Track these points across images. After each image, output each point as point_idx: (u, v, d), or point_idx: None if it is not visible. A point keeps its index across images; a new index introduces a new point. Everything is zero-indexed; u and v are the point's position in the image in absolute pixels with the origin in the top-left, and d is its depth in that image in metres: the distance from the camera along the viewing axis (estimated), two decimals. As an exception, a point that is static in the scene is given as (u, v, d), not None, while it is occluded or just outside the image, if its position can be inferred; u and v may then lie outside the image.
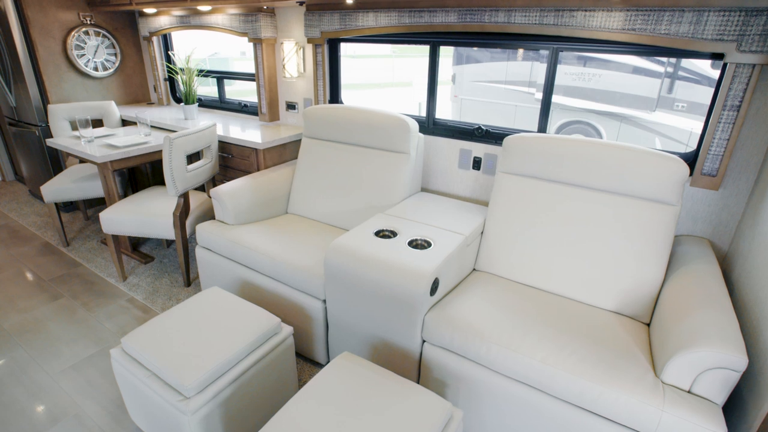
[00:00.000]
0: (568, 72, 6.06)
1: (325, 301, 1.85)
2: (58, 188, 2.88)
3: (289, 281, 1.92)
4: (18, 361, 2.02)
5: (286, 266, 1.90)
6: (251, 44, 2.86)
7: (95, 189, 2.96)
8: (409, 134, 2.17)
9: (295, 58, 2.72)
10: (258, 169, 2.58)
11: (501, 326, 1.53)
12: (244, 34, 2.83)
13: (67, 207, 3.63)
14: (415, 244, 1.78)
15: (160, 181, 3.55)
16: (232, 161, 2.70)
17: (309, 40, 2.58)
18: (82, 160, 3.24)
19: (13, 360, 2.03)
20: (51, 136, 3.34)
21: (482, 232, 2.01)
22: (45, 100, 3.27)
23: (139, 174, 3.57)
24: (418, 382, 1.70)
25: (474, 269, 2.01)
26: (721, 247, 1.85)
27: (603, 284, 1.71)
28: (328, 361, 1.87)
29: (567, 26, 1.84)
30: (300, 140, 2.77)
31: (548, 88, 2.09)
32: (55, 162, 3.41)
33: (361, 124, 2.28)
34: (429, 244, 1.76)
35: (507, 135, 2.25)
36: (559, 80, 6.13)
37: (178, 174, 2.29)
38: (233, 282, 2.16)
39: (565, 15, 1.83)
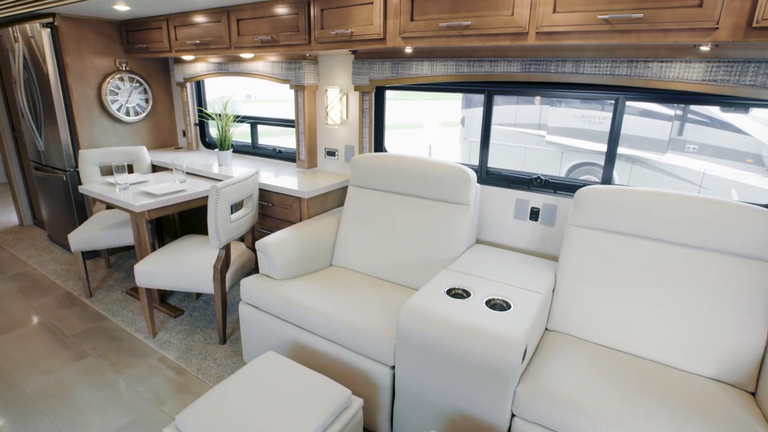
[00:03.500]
0: (578, 115, 6.13)
1: (393, 367, 1.68)
2: (85, 236, 2.75)
3: (350, 344, 1.76)
4: (44, 434, 1.82)
5: (347, 328, 1.75)
6: (292, 91, 2.83)
7: (124, 237, 2.83)
8: (469, 185, 2.08)
9: (338, 105, 2.68)
10: (301, 219, 2.47)
11: (603, 400, 1.37)
12: (285, 81, 2.80)
13: (88, 254, 3.48)
14: (492, 304, 1.64)
15: (187, 228, 3.44)
16: (272, 210, 2.59)
17: (356, 88, 2.54)
18: (109, 206, 3.13)
19: (38, 432, 1.83)
20: (78, 181, 3.24)
21: (554, 289, 1.87)
22: (75, 144, 3.20)
23: (166, 221, 3.45)
24: (503, 464, 1.52)
25: (546, 329, 1.86)
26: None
27: (697, 348, 1.57)
28: (395, 436, 1.68)
29: (641, 77, 1.79)
30: (342, 188, 2.68)
31: (614, 138, 2.02)
32: (80, 207, 3.30)
33: (415, 173, 2.19)
34: (508, 305, 1.62)
35: (568, 185, 2.16)
36: (568, 123, 6.19)
37: (222, 225, 2.17)
38: (282, 343, 1.99)
39: (639, 66, 1.78)
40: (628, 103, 1.94)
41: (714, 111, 5.20)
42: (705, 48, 1.59)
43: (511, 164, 6.15)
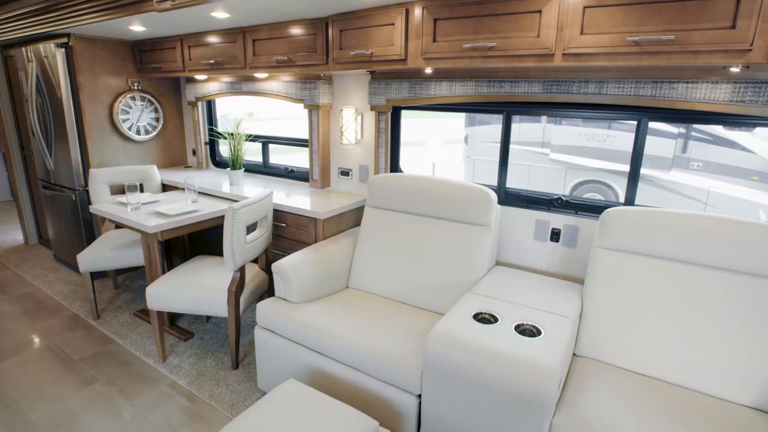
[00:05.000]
0: (581, 133, 6.16)
1: (419, 396, 1.62)
2: (95, 257, 2.70)
3: (372, 371, 1.70)
4: (52, 467, 1.74)
5: (370, 354, 1.69)
6: (306, 110, 2.82)
7: (134, 257, 2.78)
8: (490, 206, 2.04)
9: (353, 125, 2.66)
10: (316, 240, 2.43)
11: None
12: (300, 100, 2.79)
13: (95, 274, 3.42)
14: (522, 329, 1.59)
15: (196, 248, 3.39)
16: (286, 231, 2.55)
17: (373, 108, 2.53)
18: (118, 226, 3.08)
19: (46, 465, 1.75)
20: (87, 200, 3.21)
21: (580, 313, 1.82)
22: (85, 163, 3.17)
23: (175, 241, 3.41)
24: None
25: (574, 354, 1.80)
26: None
27: (736, 375, 1.51)
28: (421, 470, 1.61)
29: (666, 98, 1.77)
30: (357, 209, 2.64)
31: (636, 158, 1.99)
32: (88, 227, 3.25)
33: (434, 194, 2.16)
34: (539, 331, 1.57)
35: (590, 206, 2.12)
36: (573, 141, 6.22)
37: (238, 246, 2.13)
38: (300, 369, 1.93)
39: (664, 87, 1.76)
40: (630, 121, 1.92)
41: (718, 129, 5.22)
42: (735, 69, 1.58)
43: (515, 182, 6.15)
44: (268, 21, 2.41)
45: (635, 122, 1.95)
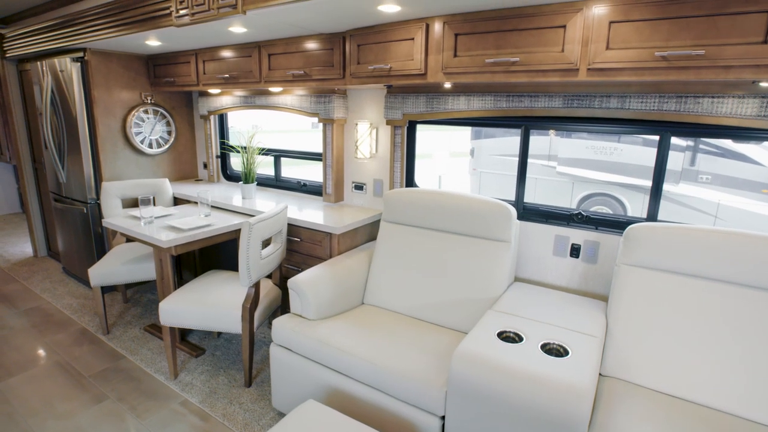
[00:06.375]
0: (589, 146, 6.14)
1: (443, 417, 1.57)
2: (106, 271, 2.67)
3: (393, 391, 1.65)
4: (63, 489, 1.69)
5: (391, 373, 1.64)
6: (320, 124, 2.81)
7: (145, 272, 2.75)
8: (510, 221, 2.01)
9: (368, 139, 2.65)
10: (331, 256, 2.39)
11: (683, 462, 1.25)
12: (314, 114, 2.79)
13: (105, 288, 3.38)
14: (548, 348, 1.54)
15: (207, 262, 3.36)
16: (300, 246, 2.52)
17: (388, 122, 2.52)
18: (129, 239, 3.06)
19: (57, 487, 1.70)
20: (99, 214, 3.20)
21: (605, 332, 1.77)
22: (98, 177, 3.17)
23: (185, 255, 3.38)
24: None
25: (600, 374, 1.75)
26: None
27: (774, 401, 1.46)
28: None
29: (691, 113, 1.75)
30: (372, 223, 2.61)
31: (659, 173, 1.96)
32: (99, 240, 3.24)
33: (453, 209, 2.13)
34: (566, 350, 1.53)
35: (611, 221, 2.09)
36: (579, 154, 6.21)
37: (253, 262, 2.10)
38: (317, 389, 1.88)
39: (689, 101, 1.74)
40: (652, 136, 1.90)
41: (727, 142, 5.20)
42: (765, 84, 1.56)
43: (514, 194, 6.13)
44: (285, 36, 2.42)
45: (657, 137, 1.93)
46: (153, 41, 2.68)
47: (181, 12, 2.15)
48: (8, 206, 5.74)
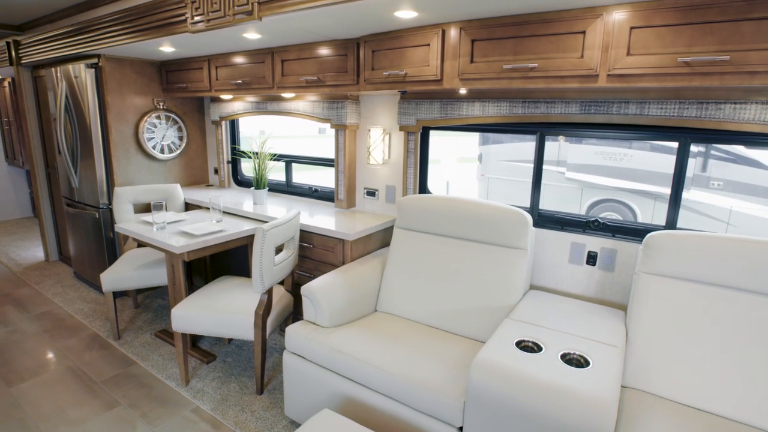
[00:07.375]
0: (599, 151, 6.09)
1: (461, 428, 1.54)
2: (118, 276, 2.67)
3: (409, 401, 1.62)
4: (75, 497, 1.68)
5: (408, 383, 1.62)
6: (333, 130, 2.81)
7: (156, 277, 2.75)
8: (526, 228, 1.99)
9: (381, 145, 2.64)
10: (344, 262, 2.38)
11: (712, 478, 1.22)
12: (327, 120, 2.79)
13: (116, 293, 3.39)
14: (569, 359, 1.51)
15: (217, 268, 3.36)
16: (312, 252, 2.51)
17: (402, 128, 2.51)
18: (140, 244, 3.07)
19: (69, 495, 1.69)
20: (111, 219, 3.21)
21: (626, 342, 1.74)
22: (110, 182, 3.18)
23: (196, 261, 3.38)
24: None
25: (621, 386, 1.71)
26: None
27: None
28: None
29: (712, 119, 1.72)
30: (385, 229, 2.60)
31: (678, 180, 1.93)
32: (110, 245, 3.24)
33: (468, 216, 2.11)
34: (587, 361, 1.49)
35: (628, 228, 2.06)
36: (588, 160, 6.16)
37: (266, 268, 2.09)
38: (331, 397, 1.86)
39: (710, 108, 1.71)
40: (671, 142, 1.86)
41: (739, 148, 5.13)
42: (790, 90, 1.53)
43: (529, 201, 6.10)
44: (298, 42, 2.42)
45: (676, 143, 1.90)
46: (167, 47, 2.69)
47: (196, 18, 2.16)
48: (21, 210, 5.79)
